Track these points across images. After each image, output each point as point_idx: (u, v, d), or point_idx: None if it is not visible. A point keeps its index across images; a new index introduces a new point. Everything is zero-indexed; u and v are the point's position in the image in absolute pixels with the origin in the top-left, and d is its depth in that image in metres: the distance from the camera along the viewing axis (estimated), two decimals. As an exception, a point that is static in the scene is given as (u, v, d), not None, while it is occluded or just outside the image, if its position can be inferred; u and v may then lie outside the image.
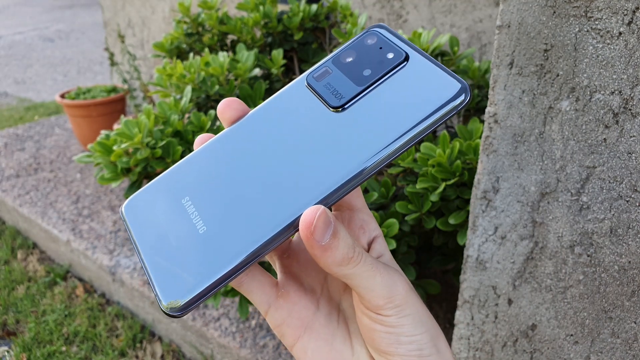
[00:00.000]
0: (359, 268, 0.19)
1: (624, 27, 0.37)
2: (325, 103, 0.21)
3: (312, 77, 0.22)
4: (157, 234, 0.20)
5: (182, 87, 0.75)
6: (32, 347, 0.97)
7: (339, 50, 0.22)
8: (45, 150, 1.66)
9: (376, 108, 0.20)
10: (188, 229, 0.20)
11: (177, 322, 0.95)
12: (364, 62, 0.21)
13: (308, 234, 0.18)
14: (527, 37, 0.42)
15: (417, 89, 0.20)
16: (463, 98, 0.19)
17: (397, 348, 0.19)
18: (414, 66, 0.20)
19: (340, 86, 0.21)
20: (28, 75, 2.86)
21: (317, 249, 0.18)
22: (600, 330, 0.45)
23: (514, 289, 0.50)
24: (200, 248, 0.19)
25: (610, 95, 0.39)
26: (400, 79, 0.20)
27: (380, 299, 0.19)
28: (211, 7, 0.90)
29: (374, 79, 0.21)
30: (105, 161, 0.67)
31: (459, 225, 0.58)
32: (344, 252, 0.18)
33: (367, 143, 0.19)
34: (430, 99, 0.19)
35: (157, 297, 0.19)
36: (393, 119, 0.19)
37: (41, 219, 1.25)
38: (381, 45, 0.22)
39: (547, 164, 0.44)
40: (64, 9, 4.73)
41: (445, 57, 0.67)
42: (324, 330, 0.22)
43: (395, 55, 0.21)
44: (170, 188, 0.22)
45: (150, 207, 0.21)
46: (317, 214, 0.18)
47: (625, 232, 0.41)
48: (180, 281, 0.19)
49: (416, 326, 0.20)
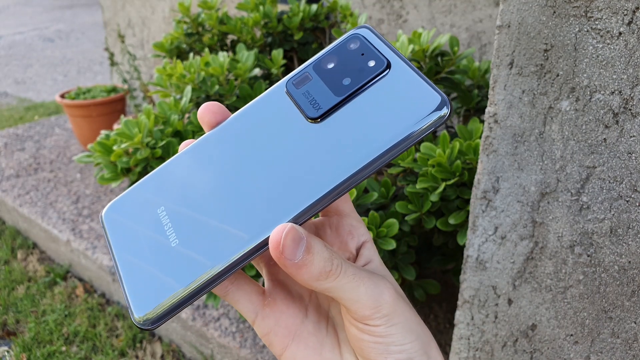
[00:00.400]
0: (340, 280, 0.18)
1: (624, 27, 0.37)
2: (303, 112, 0.20)
3: (291, 84, 0.21)
4: (132, 245, 0.20)
5: (182, 87, 0.75)
6: (32, 347, 0.97)
7: (321, 54, 0.22)
8: (45, 150, 1.66)
9: (354, 120, 0.19)
10: (161, 241, 0.20)
11: (177, 322, 0.95)
12: (345, 69, 0.21)
13: (278, 254, 0.17)
14: (527, 37, 0.42)
15: (396, 100, 0.19)
16: (444, 112, 0.19)
17: (386, 358, 0.19)
18: (395, 75, 0.20)
19: (318, 95, 0.20)
20: (28, 75, 2.86)
21: (290, 267, 0.18)
22: (600, 330, 0.45)
23: (514, 289, 0.50)
24: (171, 262, 0.19)
25: (610, 95, 0.39)
26: (381, 88, 0.20)
27: (367, 309, 0.19)
28: (211, 7, 0.90)
29: (354, 88, 0.20)
30: (105, 161, 0.67)
31: (459, 225, 0.58)
32: (320, 267, 0.18)
33: (344, 156, 0.19)
34: (409, 112, 0.19)
35: (130, 310, 0.19)
36: (371, 132, 0.19)
37: (41, 219, 1.25)
38: (363, 52, 0.21)
39: (547, 164, 0.44)
40: (64, 9, 4.73)
41: (445, 57, 0.67)
42: (312, 339, 0.21)
43: (376, 63, 0.20)
44: (147, 197, 0.21)
45: (128, 216, 0.21)
46: (284, 232, 0.17)
47: (625, 232, 0.41)
48: (151, 294, 0.19)
49: (406, 335, 0.19)
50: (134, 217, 0.21)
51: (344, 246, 0.22)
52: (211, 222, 0.19)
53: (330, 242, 0.23)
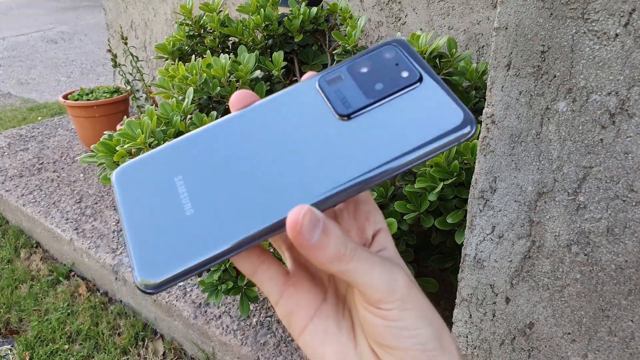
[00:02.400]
0: (354, 264, 0.19)
1: (621, 28, 0.37)
2: (332, 108, 0.21)
3: (324, 80, 0.22)
4: (143, 208, 0.20)
5: (184, 88, 0.76)
6: (35, 345, 0.98)
7: (356, 57, 0.22)
8: (48, 150, 1.67)
9: (380, 124, 0.20)
10: (175, 208, 0.20)
11: (178, 320, 0.95)
12: (378, 75, 0.21)
13: (295, 234, 0.18)
14: (524, 39, 0.43)
15: (423, 113, 0.20)
16: (467, 130, 0.19)
17: (399, 342, 0.19)
18: (425, 89, 0.21)
19: (350, 95, 0.21)
20: (31, 76, 2.87)
21: (307, 248, 0.18)
22: (597, 328, 0.45)
23: (512, 288, 0.50)
24: (184, 230, 0.19)
25: (606, 96, 0.40)
26: (410, 99, 0.20)
27: (380, 292, 0.19)
28: (213, 9, 0.90)
29: (385, 94, 0.21)
30: (108, 161, 0.68)
31: (456, 225, 0.58)
32: (335, 250, 0.18)
33: (365, 157, 0.19)
34: (434, 126, 0.19)
35: (133, 271, 0.19)
36: (395, 139, 0.20)
37: (44, 218, 1.26)
38: (397, 62, 0.22)
39: (544, 164, 0.45)
40: (67, 11, 4.76)
41: (443, 58, 0.67)
42: (330, 322, 0.22)
43: (409, 74, 0.21)
44: (165, 164, 0.21)
45: (142, 179, 0.21)
46: (302, 213, 0.18)
47: (621, 232, 0.41)
48: (158, 259, 0.19)
49: (419, 320, 0.19)
50: (148, 182, 0.21)
51: (361, 231, 0.23)
52: (229, 197, 0.20)
53: (347, 227, 0.23)
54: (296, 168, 0.20)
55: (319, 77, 0.22)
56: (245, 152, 0.21)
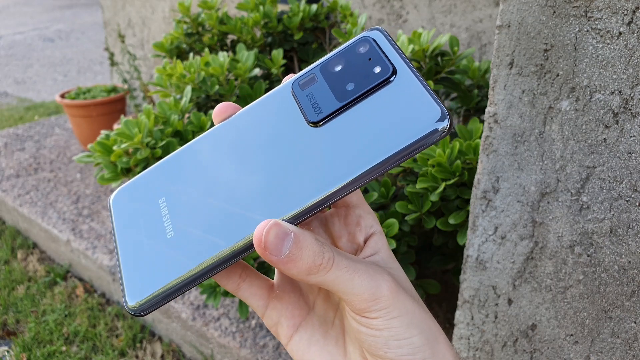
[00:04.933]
0: (332, 273, 0.18)
1: (624, 27, 0.37)
2: (304, 115, 0.20)
3: (297, 84, 0.22)
4: (133, 232, 0.21)
5: (182, 87, 0.75)
6: (32, 347, 0.97)
7: (329, 56, 0.22)
8: (45, 150, 1.66)
9: (354, 127, 0.19)
10: (158, 231, 0.20)
11: (177, 322, 0.95)
12: (350, 73, 0.21)
13: (261, 250, 0.17)
14: (527, 37, 0.42)
15: (398, 110, 0.19)
16: (442, 126, 0.18)
17: (386, 352, 0.19)
18: (399, 84, 0.20)
19: (321, 99, 0.20)
20: (28, 75, 2.86)
21: (276, 263, 0.17)
22: (600, 330, 0.45)
23: (514, 289, 0.50)
24: (165, 253, 0.20)
25: (610, 95, 0.39)
26: (384, 96, 0.20)
27: (363, 301, 0.18)
28: (211, 7, 0.90)
29: (356, 94, 0.20)
30: (105, 161, 0.67)
31: (458, 225, 0.58)
32: (309, 262, 0.18)
33: (342, 163, 0.19)
34: (409, 123, 0.19)
35: (123, 295, 0.20)
36: (369, 141, 0.19)
37: (41, 218, 1.25)
38: (370, 56, 0.21)
39: (547, 163, 0.44)
40: (64, 9, 4.73)
41: (445, 57, 0.67)
42: (315, 332, 0.21)
43: (382, 69, 0.20)
44: (152, 186, 0.22)
45: (133, 203, 0.22)
46: (266, 229, 0.17)
47: (625, 232, 0.41)
48: (143, 283, 0.19)
49: (406, 329, 0.19)
50: (138, 205, 0.21)
51: (352, 237, 0.22)
52: (205, 217, 0.20)
53: (338, 233, 0.23)
54: (270, 182, 0.20)
55: (293, 82, 0.22)
56: (221, 169, 0.21)
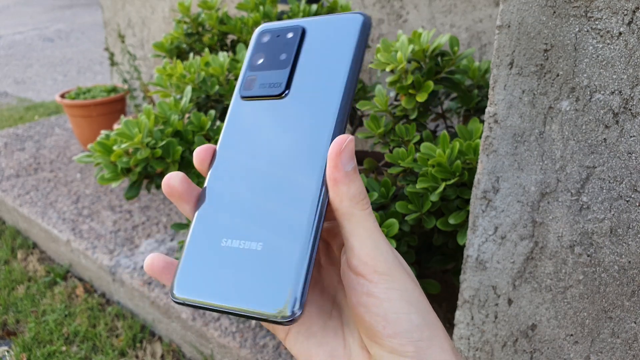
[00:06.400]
0: (361, 219, 0.19)
1: (624, 27, 0.37)
2: (270, 97, 0.22)
3: (243, 90, 0.23)
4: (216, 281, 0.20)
5: (182, 87, 0.75)
6: (32, 347, 0.97)
7: (247, 60, 0.24)
8: (45, 150, 1.66)
9: (311, 75, 0.22)
10: (244, 255, 0.20)
11: (177, 321, 0.95)
12: (274, 52, 0.23)
13: (337, 152, 0.19)
14: (527, 37, 0.42)
15: (329, 41, 0.22)
16: (362, 22, 0.22)
17: (384, 328, 0.19)
18: (314, 29, 0.23)
19: (271, 79, 0.23)
20: (28, 75, 2.86)
21: (340, 172, 0.19)
22: (600, 330, 0.45)
23: (514, 289, 0.50)
24: (264, 264, 0.20)
25: (610, 95, 0.39)
26: (312, 44, 0.23)
27: (367, 257, 0.19)
28: (211, 7, 0.90)
29: (292, 56, 0.23)
30: (105, 161, 0.67)
31: (459, 225, 0.58)
32: (358, 189, 0.19)
33: (325, 102, 0.21)
34: (343, 41, 0.22)
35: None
36: (329, 74, 0.22)
37: (41, 218, 1.25)
38: (277, 34, 0.24)
39: (547, 164, 0.44)
40: (64, 9, 4.73)
41: (445, 57, 0.67)
42: (315, 324, 0.22)
43: (293, 32, 0.23)
44: (205, 248, 0.21)
45: (199, 274, 0.21)
46: (348, 139, 0.19)
47: (625, 232, 0.41)
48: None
49: (406, 304, 0.19)
50: (207, 271, 0.21)
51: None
52: (273, 220, 0.21)
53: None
54: (295, 156, 0.21)
55: (238, 93, 0.24)
56: (252, 182, 0.21)
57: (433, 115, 0.75)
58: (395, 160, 0.60)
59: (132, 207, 1.29)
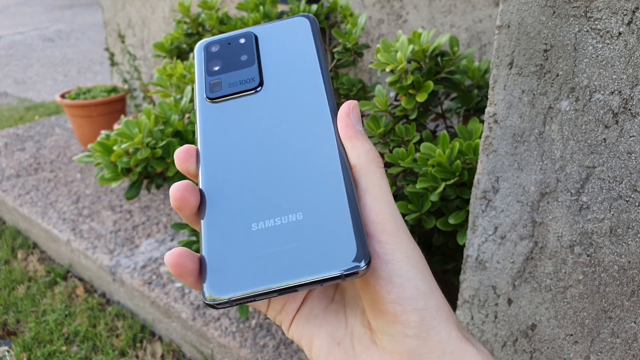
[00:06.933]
0: (378, 176, 0.20)
1: (624, 27, 0.37)
2: (247, 92, 0.22)
3: (210, 93, 0.23)
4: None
5: (182, 87, 0.75)
6: (33, 346, 0.98)
7: (201, 68, 0.24)
8: (45, 150, 1.66)
9: (282, 68, 0.23)
10: (286, 229, 0.19)
11: (177, 321, 0.95)
12: (232, 56, 0.24)
13: (347, 112, 0.21)
14: (526, 37, 0.42)
15: (286, 40, 0.23)
16: (311, 20, 0.23)
17: (388, 292, 0.18)
18: (265, 34, 0.24)
19: (241, 77, 0.23)
20: (28, 75, 2.86)
21: (352, 129, 0.21)
22: (600, 330, 0.45)
23: (514, 289, 0.50)
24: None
25: (610, 95, 0.39)
26: (268, 45, 0.23)
27: (376, 215, 0.19)
28: (211, 7, 0.90)
29: (255, 54, 0.23)
30: (106, 161, 0.67)
31: (458, 225, 0.58)
32: (372, 146, 0.21)
33: (308, 85, 0.22)
34: (301, 37, 0.23)
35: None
36: (300, 63, 0.23)
37: (41, 218, 1.25)
38: (228, 42, 0.24)
39: (546, 164, 0.44)
40: (64, 9, 4.73)
41: (445, 57, 0.67)
42: (316, 307, 0.22)
43: (245, 38, 0.24)
44: (232, 239, 0.20)
45: (238, 267, 0.19)
46: (353, 103, 0.21)
47: (625, 232, 0.41)
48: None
49: (411, 268, 0.18)
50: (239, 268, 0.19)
51: None
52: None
53: None
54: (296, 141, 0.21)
55: (204, 98, 0.23)
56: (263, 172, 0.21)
57: (433, 115, 0.75)
58: (395, 160, 0.60)
59: (132, 207, 1.29)
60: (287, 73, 0.23)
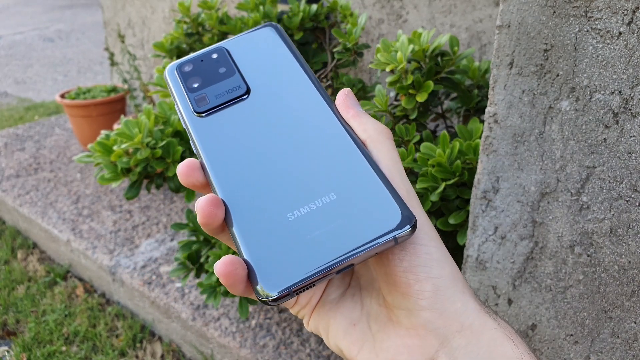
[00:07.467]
0: (389, 147, 0.21)
1: (624, 27, 0.37)
2: (237, 99, 0.23)
3: (198, 108, 0.23)
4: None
5: (182, 87, 0.75)
6: (32, 347, 0.97)
7: (180, 89, 0.24)
8: (45, 150, 1.66)
9: (263, 73, 0.23)
10: (323, 211, 0.19)
11: (177, 322, 0.95)
12: (210, 71, 0.24)
13: (344, 98, 0.22)
14: (527, 37, 0.42)
15: (259, 48, 0.24)
16: (276, 27, 0.24)
17: (401, 260, 0.18)
18: (235, 47, 0.24)
19: (226, 87, 0.23)
20: (28, 75, 2.86)
21: (353, 109, 0.22)
22: (600, 330, 0.45)
23: (514, 289, 0.50)
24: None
25: (610, 95, 0.39)
26: (242, 55, 0.24)
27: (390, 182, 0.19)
28: (211, 7, 0.90)
29: (232, 65, 0.24)
30: (106, 161, 0.67)
31: (459, 225, 0.58)
32: (376, 121, 0.21)
33: (296, 84, 0.23)
34: (272, 44, 0.24)
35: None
36: (280, 67, 0.23)
37: (41, 218, 1.25)
38: (201, 59, 0.24)
39: (547, 164, 0.44)
40: (64, 9, 4.73)
41: (445, 57, 0.67)
42: (332, 292, 0.22)
43: (217, 53, 0.24)
44: (272, 235, 0.19)
45: (286, 258, 0.19)
46: (347, 90, 0.22)
47: (625, 232, 0.41)
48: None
49: (424, 235, 0.18)
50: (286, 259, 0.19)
51: None
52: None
53: None
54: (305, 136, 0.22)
55: (192, 112, 0.23)
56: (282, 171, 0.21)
57: (433, 115, 0.75)
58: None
59: (132, 207, 1.29)
60: (271, 76, 0.23)
